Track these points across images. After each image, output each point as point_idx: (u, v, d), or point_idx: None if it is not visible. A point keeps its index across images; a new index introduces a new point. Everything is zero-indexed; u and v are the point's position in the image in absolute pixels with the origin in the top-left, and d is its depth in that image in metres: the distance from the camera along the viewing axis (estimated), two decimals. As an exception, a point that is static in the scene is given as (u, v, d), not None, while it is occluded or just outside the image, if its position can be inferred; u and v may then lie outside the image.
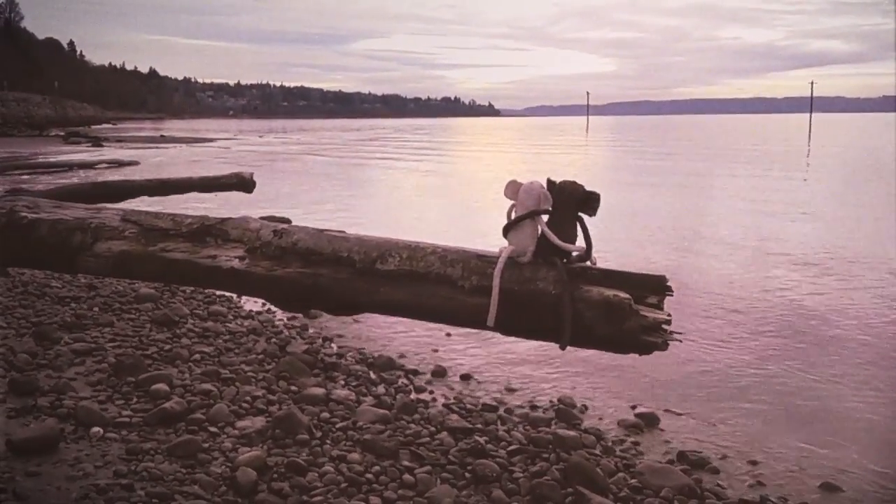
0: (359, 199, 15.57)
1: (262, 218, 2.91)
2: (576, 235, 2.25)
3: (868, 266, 8.38)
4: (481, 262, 2.27)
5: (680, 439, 3.94)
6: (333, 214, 12.30)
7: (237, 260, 2.49)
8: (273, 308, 5.96)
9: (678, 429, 4.08)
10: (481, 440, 3.59)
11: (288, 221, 4.56)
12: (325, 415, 3.82)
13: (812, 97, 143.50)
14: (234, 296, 6.27)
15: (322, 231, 2.50)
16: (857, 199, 15.31)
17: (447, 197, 17.13)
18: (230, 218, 2.65)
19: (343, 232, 2.50)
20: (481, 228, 8.47)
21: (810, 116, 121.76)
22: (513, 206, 2.28)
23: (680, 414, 4.28)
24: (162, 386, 3.94)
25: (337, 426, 3.68)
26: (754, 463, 3.66)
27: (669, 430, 4.06)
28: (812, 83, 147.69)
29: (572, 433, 3.77)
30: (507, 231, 2.29)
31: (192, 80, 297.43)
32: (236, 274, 2.48)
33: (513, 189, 2.28)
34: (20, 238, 2.81)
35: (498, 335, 2.63)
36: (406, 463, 3.32)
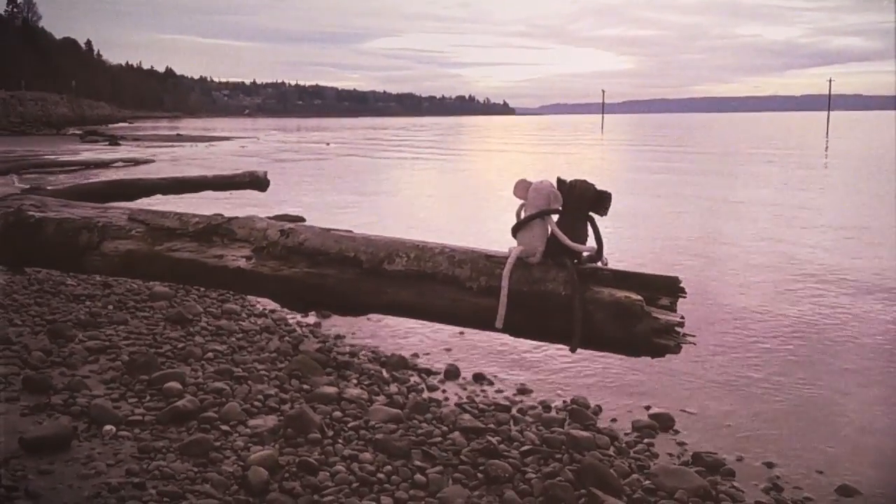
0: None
1: (275, 217, 2.89)
2: (587, 236, 2.22)
3: (887, 274, 8.23)
4: (490, 262, 2.24)
5: (695, 441, 3.88)
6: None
7: (243, 260, 2.48)
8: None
9: (693, 430, 4.02)
10: (494, 440, 3.56)
11: (302, 220, 4.55)
12: (338, 414, 3.80)
13: (830, 95, 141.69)
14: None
15: (329, 230, 2.48)
16: (874, 203, 15.07)
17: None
18: (236, 217, 2.63)
19: (350, 231, 2.48)
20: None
21: (828, 114, 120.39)
22: (522, 205, 2.24)
23: (695, 415, 4.23)
24: (175, 384, 3.95)
25: (349, 425, 3.67)
26: (771, 465, 3.60)
27: (684, 431, 4.01)
28: (830, 80, 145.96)
29: (586, 434, 3.72)
30: (516, 231, 2.25)
31: (208, 78, 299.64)
32: (242, 274, 2.46)
33: (522, 188, 2.25)
34: (27, 237, 2.81)
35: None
36: (418, 463, 3.30)
